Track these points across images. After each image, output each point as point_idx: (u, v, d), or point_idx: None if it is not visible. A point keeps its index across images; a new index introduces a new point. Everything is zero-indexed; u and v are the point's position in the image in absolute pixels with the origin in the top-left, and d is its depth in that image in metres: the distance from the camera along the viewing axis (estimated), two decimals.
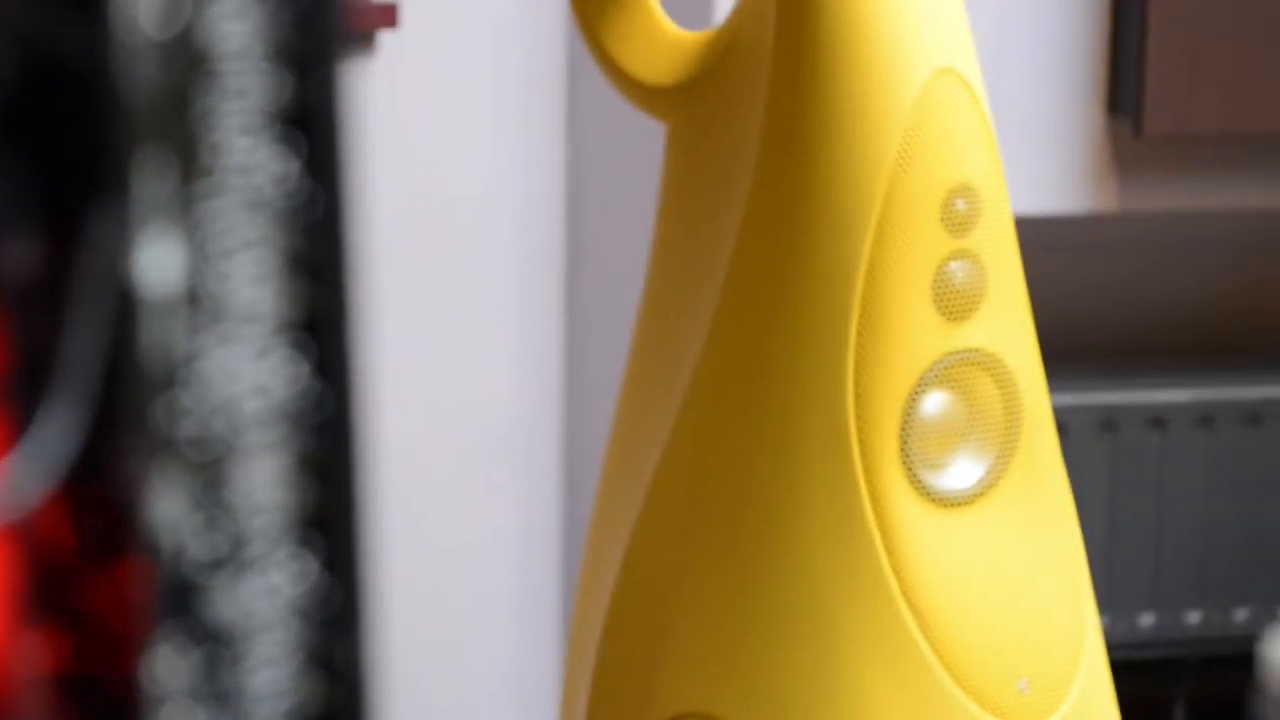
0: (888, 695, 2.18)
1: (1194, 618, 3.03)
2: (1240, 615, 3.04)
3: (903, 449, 2.19)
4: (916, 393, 2.21)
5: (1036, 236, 2.92)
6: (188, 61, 0.52)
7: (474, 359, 3.10)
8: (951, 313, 2.22)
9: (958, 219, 2.21)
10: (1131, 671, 2.93)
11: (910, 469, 2.20)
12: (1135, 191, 2.96)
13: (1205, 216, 3.05)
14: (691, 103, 2.31)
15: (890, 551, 2.18)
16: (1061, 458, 2.90)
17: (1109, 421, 2.98)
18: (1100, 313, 3.13)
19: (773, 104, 2.22)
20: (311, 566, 0.58)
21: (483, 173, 3.07)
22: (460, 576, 3.12)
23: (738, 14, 2.30)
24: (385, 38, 2.97)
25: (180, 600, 0.54)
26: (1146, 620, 3.02)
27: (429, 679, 3.13)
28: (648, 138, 2.43)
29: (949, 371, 2.22)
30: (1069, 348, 3.08)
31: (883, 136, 2.19)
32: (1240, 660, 2.86)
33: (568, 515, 3.14)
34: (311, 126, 0.58)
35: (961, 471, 2.25)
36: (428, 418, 3.08)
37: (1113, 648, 2.95)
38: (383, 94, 2.98)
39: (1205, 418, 3.00)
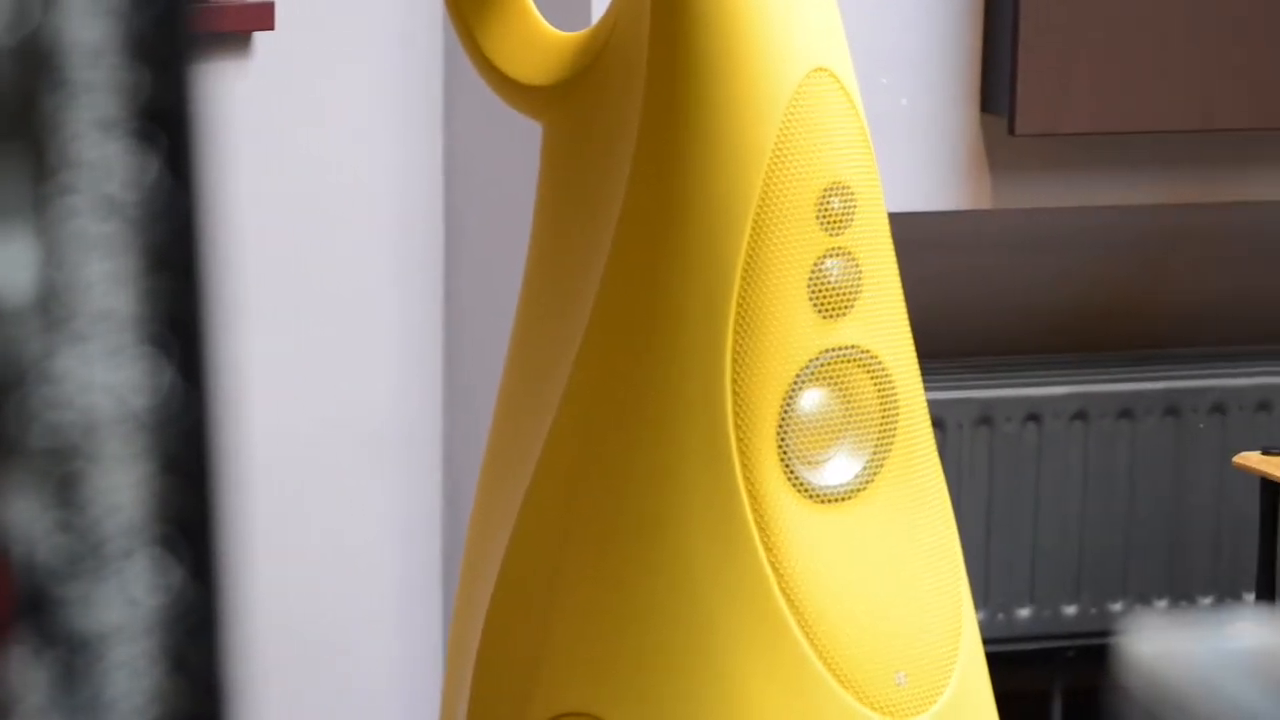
0: (767, 690, 2.19)
1: (1071, 610, 3.06)
2: (1116, 608, 3.07)
3: (780, 446, 2.20)
4: (793, 390, 2.22)
5: (912, 234, 2.94)
6: (37, 62, 0.52)
7: (352, 360, 3.09)
8: (827, 310, 2.23)
9: (833, 217, 2.23)
10: (1009, 664, 2.95)
11: (788, 466, 2.21)
12: (1008, 189, 2.99)
13: (1078, 214, 3.08)
14: (567, 103, 2.32)
15: (769, 549, 2.19)
16: (938, 453, 2.92)
17: (985, 416, 3.01)
18: (976, 309, 3.15)
19: (648, 104, 2.23)
20: (173, 572, 0.57)
21: (359, 173, 3.06)
22: (340, 579, 3.11)
23: (612, 14, 2.30)
24: (260, 38, 2.95)
25: (34, 606, 0.53)
26: (1024, 613, 3.05)
27: (310, 683, 3.11)
28: (524, 137, 2.42)
29: (825, 368, 2.24)
30: (945, 344, 3.11)
31: (758, 136, 2.20)
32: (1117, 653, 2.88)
33: (448, 516, 3.14)
34: (169, 126, 0.57)
35: (839, 468, 2.26)
36: (306, 420, 3.07)
37: (991, 641, 2.97)
38: (258, 93, 2.97)
39: (1080, 412, 3.04)
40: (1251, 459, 2.70)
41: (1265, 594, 2.72)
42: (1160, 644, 0.87)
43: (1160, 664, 0.86)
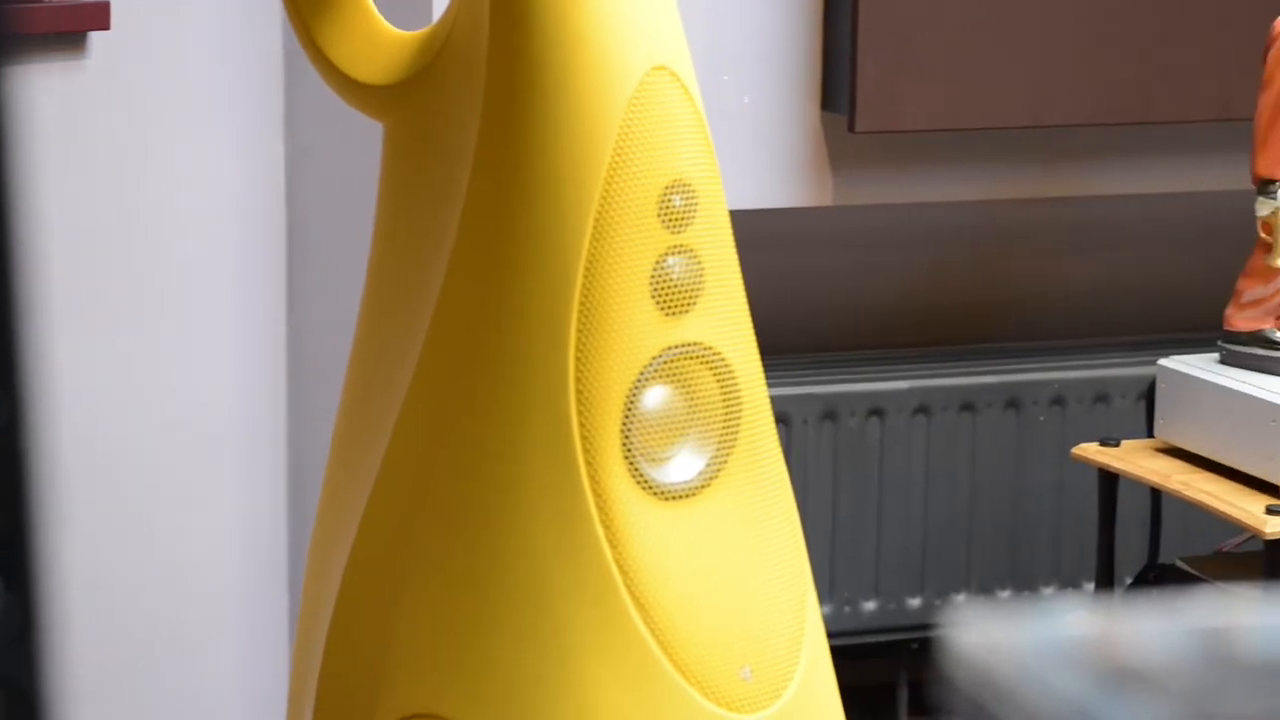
0: (613, 687, 2.20)
1: (915, 603, 3.09)
2: (960, 599, 3.11)
3: (624, 444, 2.21)
4: (637, 387, 2.23)
5: (754, 231, 2.96)
6: None
7: (192, 361, 3.06)
8: (670, 307, 2.24)
9: (674, 215, 2.24)
10: (855, 657, 2.98)
11: (632, 463, 2.22)
12: (849, 187, 3.01)
13: (918, 210, 3.11)
14: (407, 102, 2.31)
15: (614, 546, 2.19)
16: (782, 449, 2.94)
17: (829, 412, 3.03)
18: (818, 305, 3.18)
19: (488, 104, 2.22)
20: None
21: (199, 173, 3.03)
22: (183, 581, 3.08)
23: (451, 13, 2.30)
24: (95, 38, 2.92)
25: None
26: (869, 606, 3.08)
27: (155, 686, 3.08)
28: (366, 137, 2.42)
29: (668, 366, 2.25)
30: (789, 340, 3.13)
31: (598, 135, 2.20)
32: None
33: (293, 517, 3.12)
34: None
35: (683, 465, 2.27)
36: (147, 422, 3.04)
37: (836, 634, 2.99)
38: (93, 94, 2.93)
39: (922, 406, 3.07)
40: (1089, 450, 2.74)
41: (1104, 583, 2.77)
42: (984, 634, 0.88)
43: (984, 654, 0.87)
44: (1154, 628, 0.87)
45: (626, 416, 2.22)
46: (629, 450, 2.22)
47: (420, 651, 2.24)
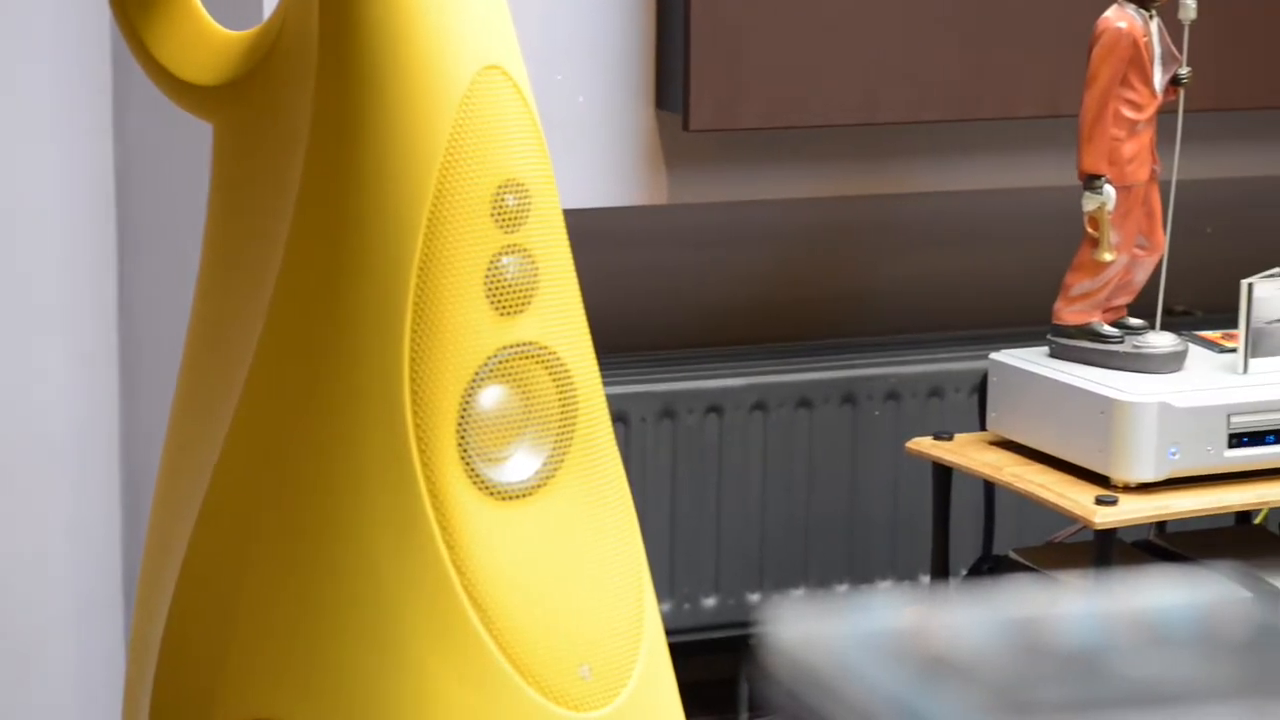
0: (451, 688, 2.19)
1: (755, 598, 3.11)
2: (799, 593, 3.13)
3: (460, 444, 2.21)
4: (472, 387, 2.22)
5: (590, 230, 2.97)
6: None
7: (23, 365, 3.02)
8: (504, 307, 2.24)
9: (508, 214, 2.24)
10: (696, 653, 3.00)
11: (469, 464, 2.22)
12: (684, 185, 3.03)
13: (753, 207, 3.13)
14: (236, 103, 2.29)
15: (450, 547, 2.19)
16: (620, 447, 2.95)
17: (668, 410, 3.04)
18: (655, 303, 3.19)
19: (319, 105, 2.21)
20: None
21: (27, 175, 2.99)
22: (15, 585, 3.04)
23: (280, 12, 2.28)
24: None
25: None
26: (709, 603, 3.10)
27: None
28: (197, 138, 2.40)
29: (504, 365, 2.25)
30: (626, 339, 3.14)
31: (430, 135, 2.20)
32: None
33: (128, 520, 3.09)
34: None
35: (519, 465, 2.27)
36: None
37: (676, 631, 3.01)
38: None
39: (759, 403, 3.09)
40: (924, 444, 2.76)
41: (940, 574, 2.80)
42: (802, 629, 0.89)
43: (803, 648, 0.88)
44: (968, 618, 0.89)
45: (462, 417, 2.22)
46: (465, 451, 2.22)
47: (257, 655, 2.23)
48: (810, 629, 0.89)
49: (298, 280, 2.22)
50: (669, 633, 2.94)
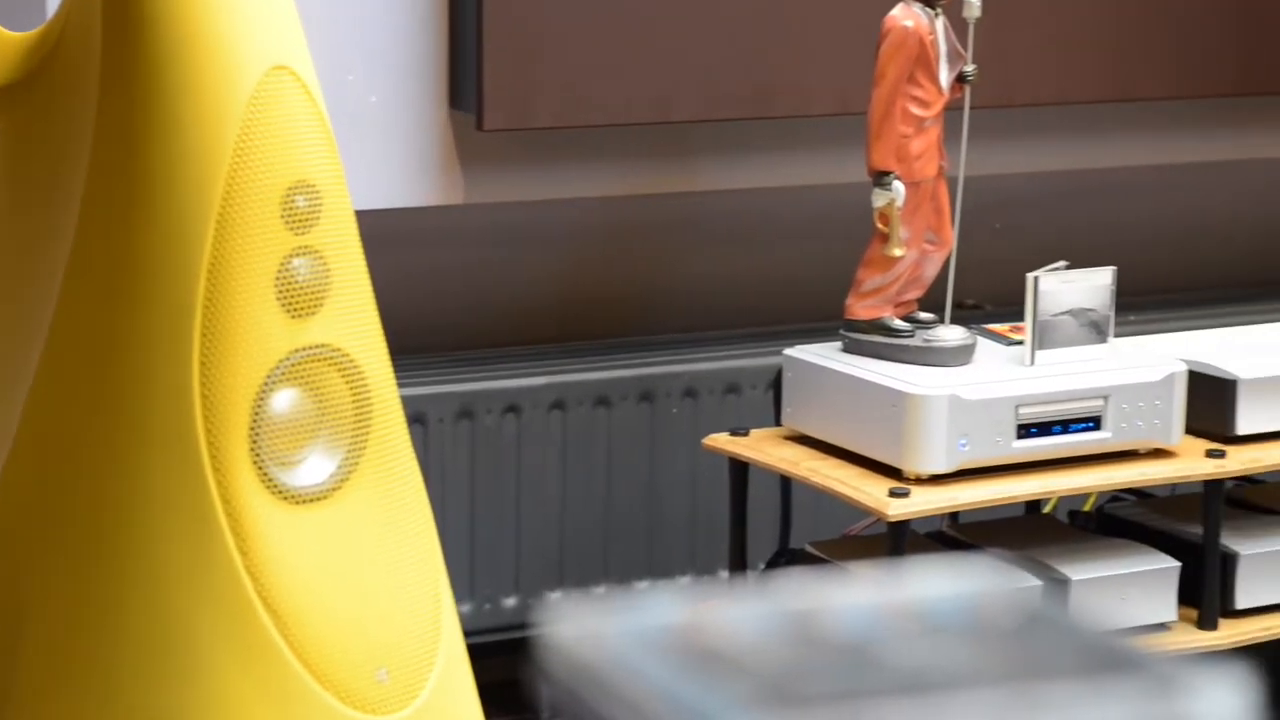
0: (247, 695, 2.17)
1: (555, 597, 3.11)
2: (600, 591, 3.14)
3: (253, 448, 2.19)
4: (264, 391, 2.20)
5: (385, 231, 2.95)
6: None
7: None
8: (296, 309, 2.23)
9: (298, 216, 2.22)
10: (497, 654, 2.99)
11: (261, 468, 2.20)
12: (479, 185, 3.02)
13: (549, 207, 3.13)
14: (18, 104, 2.25)
15: (243, 552, 2.17)
16: (420, 448, 2.94)
17: (466, 410, 3.04)
18: (452, 303, 3.18)
19: (103, 106, 2.18)
20: None
21: None
22: None
23: (63, 13, 2.25)
24: None
25: None
26: (510, 603, 3.09)
27: None
28: None
29: (296, 368, 2.23)
30: (423, 339, 3.13)
31: (218, 136, 2.17)
32: None
33: None
34: None
35: (314, 468, 2.26)
36: None
37: (477, 632, 3.00)
38: None
39: (558, 401, 3.09)
40: (721, 440, 2.78)
41: (738, 569, 2.82)
42: (579, 627, 0.89)
43: (580, 646, 0.89)
44: (743, 612, 0.89)
45: (254, 421, 2.20)
46: (257, 455, 2.20)
47: (48, 664, 2.19)
48: (587, 628, 0.89)
49: (84, 283, 2.18)
50: (470, 634, 2.94)
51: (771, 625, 0.88)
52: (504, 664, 3.06)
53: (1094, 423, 2.62)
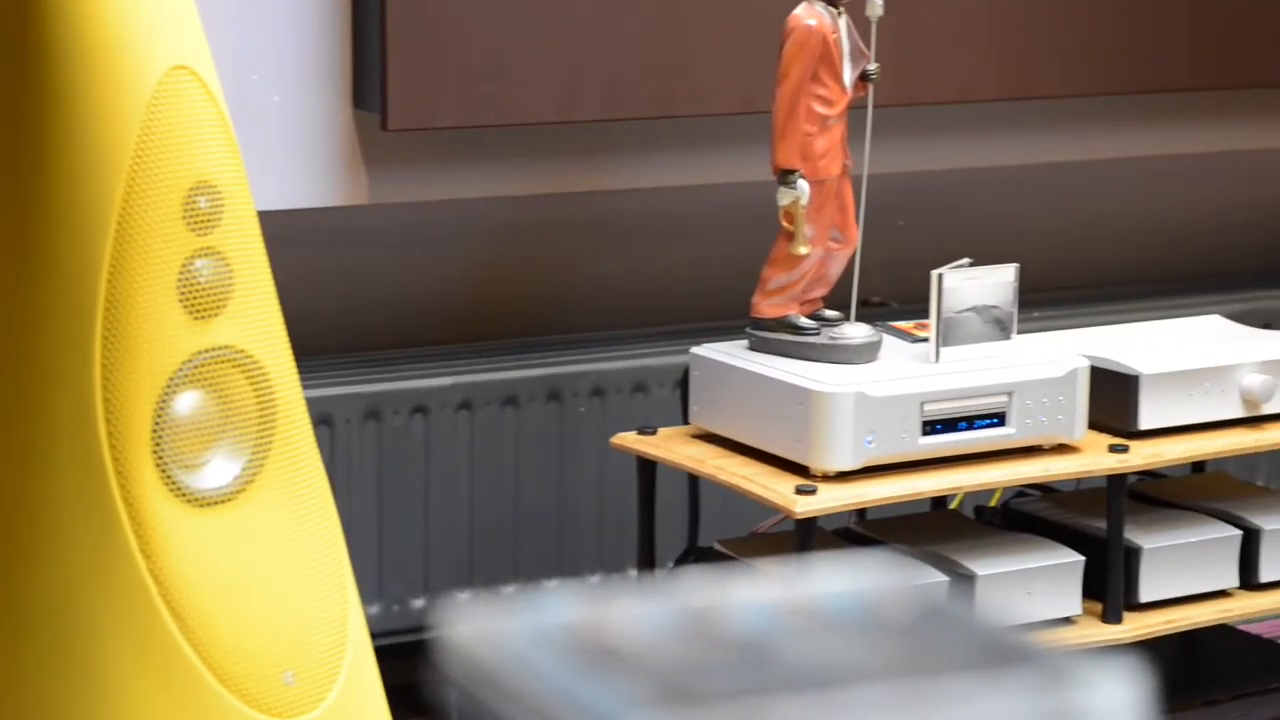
0: (151, 700, 2.16)
1: (465, 598, 3.10)
2: (509, 590, 3.13)
3: (156, 451, 2.17)
4: (167, 394, 2.19)
5: (290, 231, 2.94)
6: None
7: None
8: (198, 311, 2.21)
9: (200, 217, 2.21)
10: (407, 655, 2.98)
11: (165, 471, 2.18)
12: (384, 185, 3.01)
13: (455, 206, 3.12)
14: None
15: (147, 555, 2.16)
16: (327, 449, 2.93)
17: (373, 411, 3.03)
18: (359, 304, 3.17)
19: (1, 107, 2.16)
20: None
21: None
22: None
23: None
24: None
25: None
26: (418, 604, 3.08)
27: None
28: None
29: (199, 370, 2.22)
30: (329, 340, 3.11)
31: (118, 137, 2.16)
32: None
33: None
34: None
35: (218, 470, 2.25)
36: None
37: (386, 634, 2.99)
38: None
39: (465, 402, 3.08)
40: (628, 439, 2.78)
41: (647, 567, 2.82)
42: (478, 627, 0.89)
43: (476, 646, 0.89)
44: (641, 610, 0.89)
45: (157, 424, 2.18)
46: (161, 458, 2.18)
47: None
48: (484, 628, 0.89)
49: None
50: (379, 635, 2.93)
51: (670, 623, 0.88)
52: (413, 665, 3.05)
53: (998, 419, 2.64)
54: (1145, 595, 2.73)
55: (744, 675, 0.83)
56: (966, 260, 2.69)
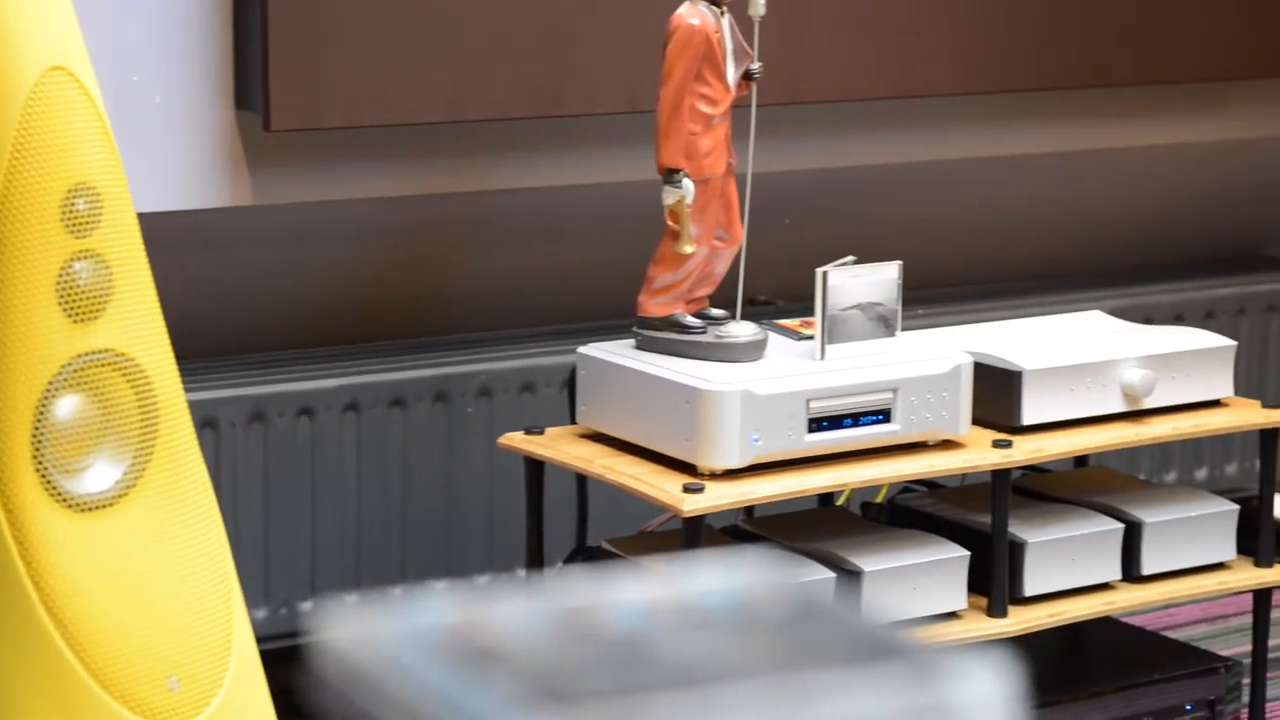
0: (32, 706, 2.13)
1: (352, 600, 3.09)
2: (397, 592, 3.12)
3: (36, 456, 2.15)
4: (46, 398, 2.17)
5: (172, 233, 2.92)
6: None
7: None
8: (78, 314, 2.19)
9: (78, 219, 2.19)
10: (295, 659, 2.96)
11: (45, 476, 2.16)
12: (267, 185, 2.99)
13: (340, 207, 3.11)
14: None
15: (28, 562, 2.14)
16: (209, 452, 2.91)
17: (258, 413, 3.01)
18: (244, 306, 3.15)
19: None
20: None
21: None
22: None
23: None
24: None
25: None
26: (306, 606, 3.07)
27: None
28: None
29: (79, 374, 2.20)
30: (214, 342, 3.09)
31: None
32: None
33: None
34: None
35: (99, 475, 2.23)
36: None
37: (274, 637, 2.97)
38: None
39: (352, 403, 3.07)
40: (516, 439, 2.78)
41: (535, 567, 2.81)
42: (353, 631, 0.89)
43: (352, 649, 0.88)
44: (516, 610, 0.89)
45: (37, 428, 2.16)
46: (41, 463, 2.16)
47: None
48: (360, 631, 0.89)
49: None
50: (267, 639, 2.91)
51: (546, 623, 0.88)
52: (301, 669, 3.03)
53: (883, 415, 2.65)
54: (1030, 589, 2.76)
55: (619, 674, 0.83)
56: (851, 258, 2.70)
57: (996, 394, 2.77)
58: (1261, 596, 2.93)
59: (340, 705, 0.88)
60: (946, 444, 2.71)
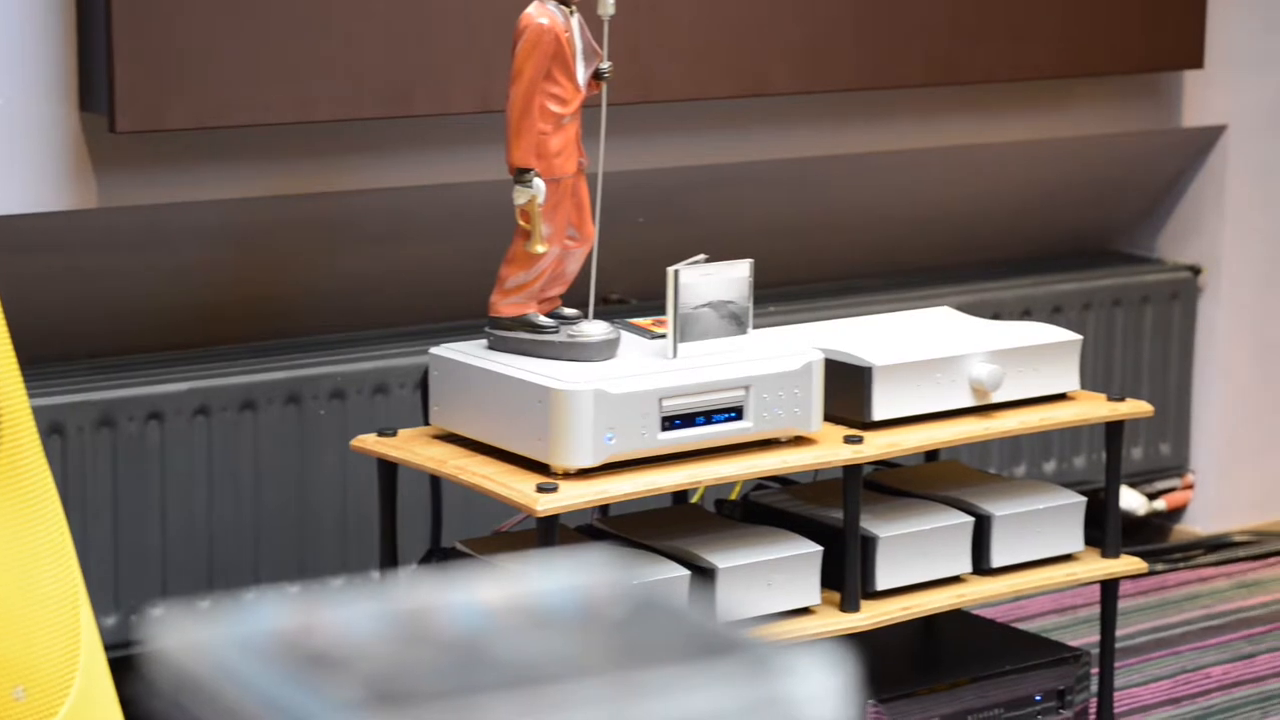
0: None
1: (205, 606, 3.06)
2: (250, 596, 3.10)
3: None
4: None
5: (14, 237, 2.88)
6: None
7: None
8: None
9: None
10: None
11: None
12: (113, 188, 2.96)
13: (189, 209, 3.08)
14: None
15: None
16: (56, 459, 2.87)
17: (107, 418, 2.97)
18: (90, 310, 3.11)
19: None
20: None
21: None
22: None
23: None
24: None
25: None
26: (158, 613, 3.03)
27: None
28: None
29: None
30: (59, 347, 3.05)
31: None
32: None
33: None
34: None
35: None
36: None
37: (124, 645, 2.94)
38: None
39: (202, 407, 3.04)
40: (369, 441, 2.77)
41: (389, 568, 2.80)
42: (185, 637, 0.88)
43: (184, 657, 0.87)
44: (351, 613, 0.89)
45: None
46: None
47: None
48: (192, 637, 0.88)
49: None
50: (118, 646, 2.88)
51: (381, 625, 0.88)
52: (137, 677, 3.00)
53: (736, 413, 2.66)
54: (882, 583, 2.78)
55: (455, 674, 0.83)
56: (702, 256, 2.71)
57: (847, 390, 2.78)
58: (1109, 587, 2.97)
59: (174, 713, 0.88)
60: (799, 440, 2.72)
